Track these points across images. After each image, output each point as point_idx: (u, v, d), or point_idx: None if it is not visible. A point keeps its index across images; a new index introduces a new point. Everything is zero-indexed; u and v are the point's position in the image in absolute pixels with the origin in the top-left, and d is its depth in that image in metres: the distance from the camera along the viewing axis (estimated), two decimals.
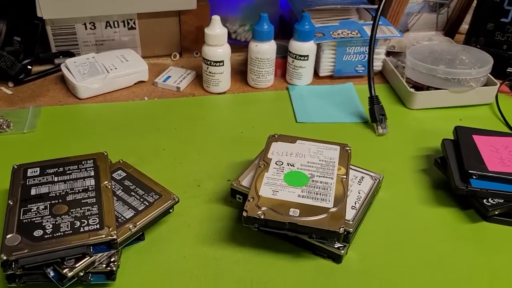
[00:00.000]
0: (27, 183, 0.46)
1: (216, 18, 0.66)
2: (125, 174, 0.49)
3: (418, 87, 0.69)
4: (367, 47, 0.69)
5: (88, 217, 0.42)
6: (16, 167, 0.48)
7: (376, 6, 0.75)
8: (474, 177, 0.49)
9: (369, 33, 0.70)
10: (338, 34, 0.71)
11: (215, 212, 0.50)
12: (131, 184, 0.48)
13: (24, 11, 0.68)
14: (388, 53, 0.77)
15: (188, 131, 0.63)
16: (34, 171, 0.47)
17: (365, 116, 0.65)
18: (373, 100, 0.63)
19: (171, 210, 0.47)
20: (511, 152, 0.52)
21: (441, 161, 0.54)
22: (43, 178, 0.46)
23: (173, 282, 0.43)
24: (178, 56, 0.79)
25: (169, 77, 0.72)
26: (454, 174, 0.50)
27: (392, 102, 0.69)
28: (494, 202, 0.48)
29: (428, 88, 0.68)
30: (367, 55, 0.71)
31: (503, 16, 0.72)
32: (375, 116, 0.62)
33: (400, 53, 0.77)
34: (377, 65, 0.75)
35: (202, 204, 0.51)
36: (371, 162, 0.56)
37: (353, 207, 0.46)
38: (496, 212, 0.48)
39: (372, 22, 0.67)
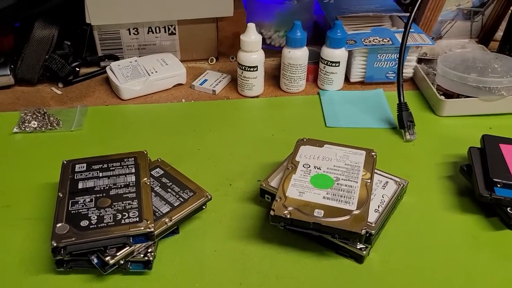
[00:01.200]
0: (75, 178, 0.50)
1: (251, 26, 0.69)
2: (163, 172, 0.53)
3: (449, 94, 0.70)
4: (398, 54, 0.70)
5: (129, 210, 0.46)
6: (65, 162, 0.52)
7: (408, 14, 0.76)
8: (498, 185, 0.50)
9: (400, 40, 0.71)
10: (370, 41, 0.72)
11: (245, 210, 0.53)
12: (168, 181, 0.52)
13: (74, 18, 0.73)
14: (420, 60, 0.78)
15: (222, 132, 0.66)
16: (82, 167, 0.51)
17: (394, 122, 0.67)
18: (402, 107, 0.65)
19: (204, 207, 0.50)
20: None
21: (467, 169, 0.55)
22: (89, 173, 0.51)
23: (204, 273, 0.46)
24: (214, 60, 0.83)
25: (205, 80, 0.76)
26: (479, 182, 0.51)
27: (422, 109, 0.70)
28: None
29: (458, 96, 0.69)
30: None
31: None
32: (403, 123, 0.64)
33: (432, 60, 0.78)
34: (408, 72, 0.76)
35: (233, 202, 0.54)
36: (398, 167, 0.58)
37: (376, 210, 0.48)
38: None
39: (403, 29, 0.68)
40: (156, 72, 0.73)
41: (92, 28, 0.75)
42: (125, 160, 0.52)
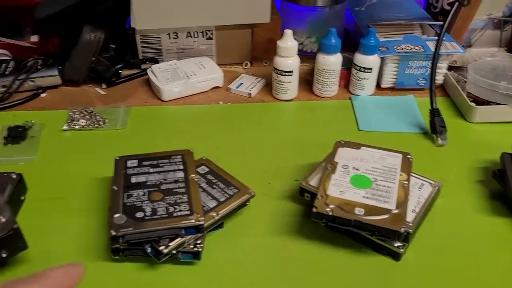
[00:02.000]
0: (128, 173, 0.53)
1: (288, 32, 0.71)
2: (208, 170, 0.56)
3: (479, 101, 0.71)
4: (429, 61, 0.73)
5: (180, 204, 0.49)
6: (118, 158, 0.56)
7: (439, 23, 0.79)
8: None
9: (432, 48, 0.73)
10: (402, 48, 0.75)
11: (283, 207, 0.56)
12: (213, 178, 0.55)
13: (119, 23, 0.77)
14: (450, 68, 0.80)
15: (258, 134, 0.69)
16: (133, 163, 0.55)
17: (425, 127, 0.69)
18: (434, 113, 0.67)
19: (247, 203, 0.53)
20: None
21: (499, 173, 0.57)
22: (141, 169, 0.54)
23: (247, 266, 0.49)
24: (249, 64, 0.86)
25: (241, 83, 0.79)
26: None
27: (452, 115, 0.72)
28: None
29: (488, 103, 0.71)
30: (429, 69, 0.74)
31: None
32: (435, 128, 0.66)
33: (462, 68, 0.80)
34: (439, 79, 0.78)
35: (272, 200, 0.57)
36: (431, 171, 0.60)
37: (413, 211, 0.50)
38: None
39: (435, 37, 0.70)
40: (195, 75, 0.77)
41: (135, 33, 0.79)
42: (173, 157, 0.56)
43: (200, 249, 0.48)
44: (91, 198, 0.57)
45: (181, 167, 0.54)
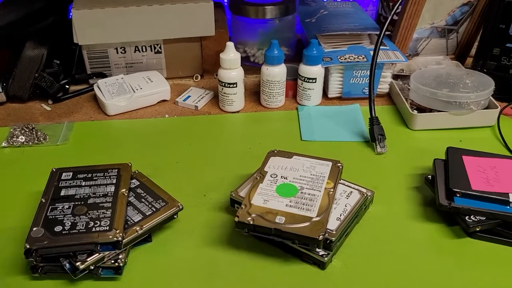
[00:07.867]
0: (59, 185, 0.53)
1: (230, 44, 0.72)
2: (139, 183, 0.56)
3: (422, 109, 0.72)
4: None
5: (101, 219, 0.48)
6: (54, 170, 0.55)
7: (376, 32, 0.79)
8: (457, 195, 0.52)
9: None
10: (345, 58, 0.75)
11: (217, 219, 0.56)
12: (143, 192, 0.54)
13: (64, 38, 0.77)
14: (397, 76, 0.81)
15: (202, 146, 0.69)
16: (68, 175, 0.54)
17: (367, 136, 0.69)
18: (373, 121, 0.67)
19: (175, 216, 0.53)
20: (497, 173, 0.54)
21: (431, 179, 0.57)
22: (73, 182, 0.53)
23: (172, 280, 0.48)
24: (199, 77, 0.86)
25: (189, 96, 0.79)
26: (440, 192, 0.53)
27: (396, 123, 0.73)
28: (476, 219, 0.51)
29: (431, 110, 0.71)
30: None
31: (509, 41, 0.75)
32: (374, 136, 0.66)
33: (408, 76, 0.81)
34: (384, 87, 0.79)
35: (206, 212, 0.57)
36: (368, 178, 0.60)
37: (338, 219, 0.50)
38: (477, 229, 0.51)
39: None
40: (141, 88, 0.77)
41: (81, 48, 0.79)
42: (109, 171, 0.55)
43: (121, 264, 0.47)
44: (22, 215, 0.56)
45: (114, 181, 0.53)
